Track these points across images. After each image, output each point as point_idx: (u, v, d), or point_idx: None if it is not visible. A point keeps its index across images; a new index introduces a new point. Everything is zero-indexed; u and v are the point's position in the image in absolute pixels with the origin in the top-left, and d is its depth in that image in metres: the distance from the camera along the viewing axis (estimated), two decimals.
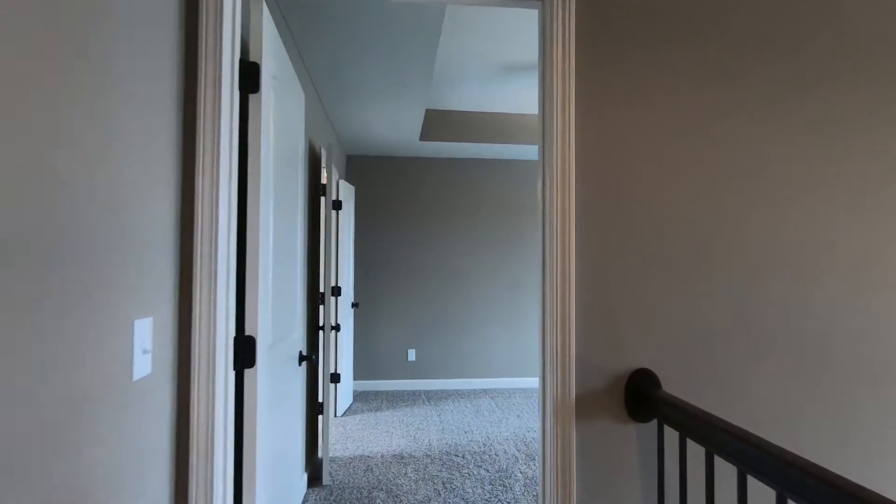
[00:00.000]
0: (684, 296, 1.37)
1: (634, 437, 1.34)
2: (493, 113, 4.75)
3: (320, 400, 3.75)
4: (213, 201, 1.21)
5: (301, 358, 2.12)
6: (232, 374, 1.29)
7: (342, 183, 4.41)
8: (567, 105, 1.36)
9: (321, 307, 3.70)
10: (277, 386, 1.67)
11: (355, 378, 5.31)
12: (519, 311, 5.49)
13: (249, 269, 1.37)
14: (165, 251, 1.12)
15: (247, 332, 1.37)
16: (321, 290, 3.64)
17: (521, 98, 4.36)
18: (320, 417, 3.57)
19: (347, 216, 4.64)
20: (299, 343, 2.15)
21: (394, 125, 4.35)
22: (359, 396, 5.07)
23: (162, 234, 1.11)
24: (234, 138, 1.29)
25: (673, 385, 1.36)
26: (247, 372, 1.36)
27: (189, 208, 1.21)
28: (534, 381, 5.46)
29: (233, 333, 1.30)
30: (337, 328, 3.16)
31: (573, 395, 1.32)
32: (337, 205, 4.33)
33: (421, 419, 4.35)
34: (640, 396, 1.34)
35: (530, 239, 5.52)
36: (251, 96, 1.38)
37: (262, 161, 1.40)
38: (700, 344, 1.37)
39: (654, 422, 1.36)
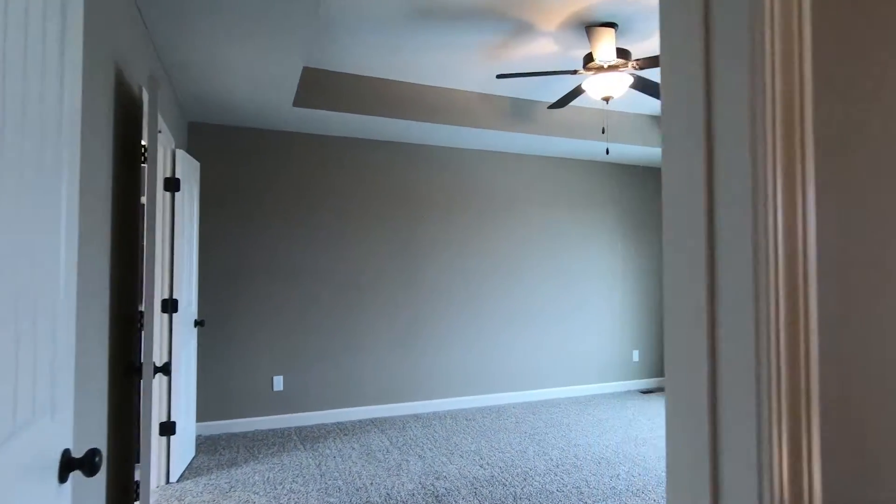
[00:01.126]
0: None
1: None
2: (399, 82, 3.84)
3: (137, 477, 2.51)
4: None
5: (67, 466, 1.03)
6: None
7: (182, 155, 3.16)
8: None
9: (143, 333, 2.46)
10: None
11: (199, 419, 4.00)
12: (413, 319, 4.64)
13: None
14: None
15: None
16: (141, 307, 2.41)
17: (438, 64, 3.52)
18: None
19: (189, 202, 3.38)
20: (64, 434, 1.05)
21: (258, 80, 3.22)
22: (205, 445, 3.79)
23: None
24: None
25: None
26: None
27: None
28: (432, 405, 4.65)
29: None
30: (164, 370, 2.00)
31: None
32: (172, 184, 3.08)
33: (294, 474, 3.27)
34: None
35: (431, 236, 4.70)
36: None
37: None
38: None
39: None
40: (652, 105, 4.51)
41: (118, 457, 2.10)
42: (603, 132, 3.03)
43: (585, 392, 5.29)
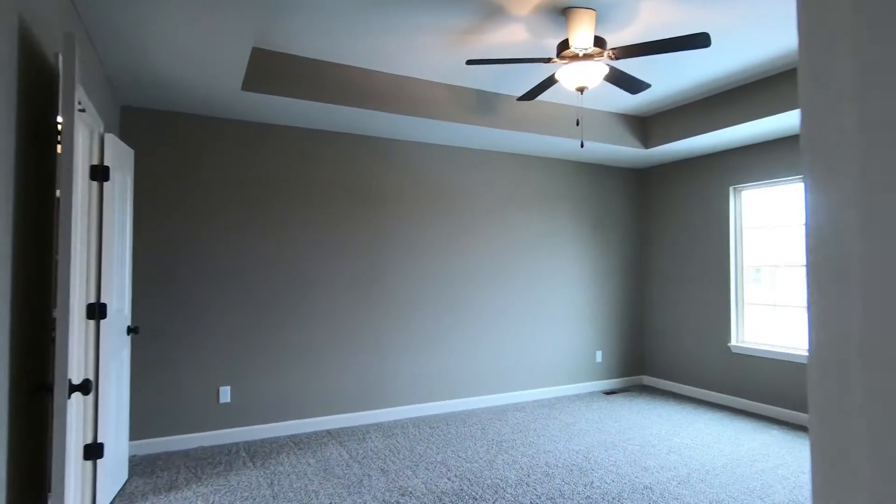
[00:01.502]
0: None
1: None
2: (358, 68, 3.56)
3: None
4: None
5: None
6: None
7: (112, 139, 2.79)
8: None
9: (56, 345, 2.10)
10: None
11: (134, 437, 3.59)
12: (372, 323, 4.37)
13: None
14: None
15: None
16: (55, 312, 2.06)
17: (400, 50, 3.27)
18: None
19: (121, 194, 3.01)
20: None
21: (200, 59, 2.89)
22: (140, 466, 3.39)
23: None
24: None
25: None
26: None
27: None
28: (393, 413, 4.40)
29: None
30: (83, 389, 1.68)
31: None
32: (100, 172, 2.71)
33: (243, 496, 2.95)
34: None
35: (393, 237, 4.45)
36: None
37: None
38: None
39: None
40: (620, 102, 4.43)
41: (24, 492, 1.75)
42: (577, 124, 2.89)
43: (550, 394, 5.17)
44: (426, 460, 3.48)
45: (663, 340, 5.56)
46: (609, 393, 5.35)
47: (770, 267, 4.69)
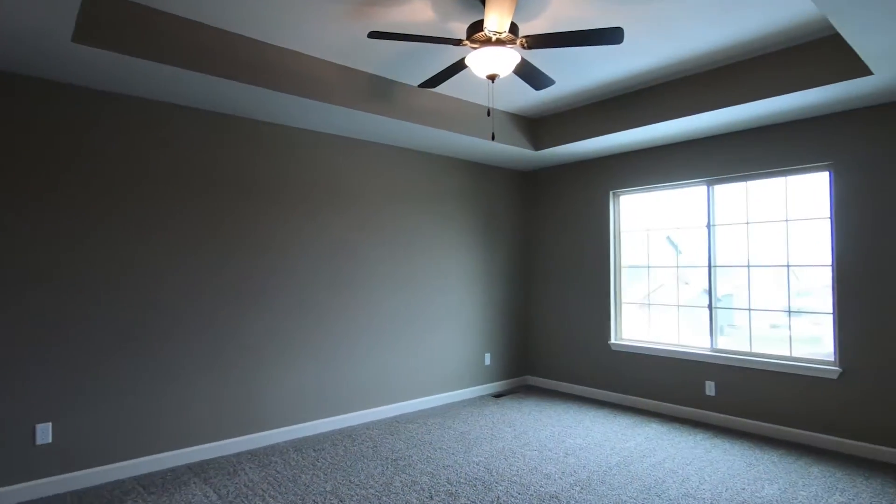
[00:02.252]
0: None
1: None
2: (229, 32, 2.96)
3: None
4: None
5: None
6: None
7: None
8: None
9: None
10: None
11: None
12: (234, 334, 3.77)
13: None
14: None
15: None
16: None
17: (284, 17, 2.77)
18: None
19: None
20: None
21: None
22: None
23: None
24: None
25: None
26: None
27: None
28: (268, 437, 3.82)
29: None
30: None
31: None
32: None
33: None
34: None
35: (259, 234, 3.88)
36: None
37: None
38: None
39: None
40: (512, 101, 4.37)
41: None
42: (489, 114, 2.69)
43: (441, 401, 4.96)
44: (313, 491, 3.02)
45: (547, 340, 5.67)
46: (498, 396, 5.30)
47: (644, 267, 4.98)
